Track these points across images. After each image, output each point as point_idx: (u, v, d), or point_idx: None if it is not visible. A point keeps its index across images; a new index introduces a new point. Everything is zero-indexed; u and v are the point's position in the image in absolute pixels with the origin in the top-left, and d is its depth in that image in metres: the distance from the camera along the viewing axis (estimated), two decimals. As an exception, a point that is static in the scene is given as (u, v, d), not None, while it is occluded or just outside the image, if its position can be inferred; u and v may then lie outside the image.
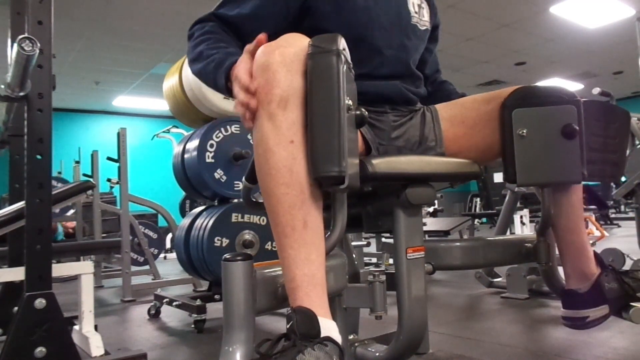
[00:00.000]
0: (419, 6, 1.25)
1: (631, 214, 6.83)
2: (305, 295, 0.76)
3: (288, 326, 0.73)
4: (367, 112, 0.84)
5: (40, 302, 1.48)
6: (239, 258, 0.82)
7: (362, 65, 1.07)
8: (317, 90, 0.78)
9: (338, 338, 0.75)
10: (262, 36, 0.86)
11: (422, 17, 1.25)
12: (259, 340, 0.77)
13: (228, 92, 0.91)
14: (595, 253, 1.13)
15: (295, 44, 0.80)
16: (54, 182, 5.08)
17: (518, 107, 1.00)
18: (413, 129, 1.15)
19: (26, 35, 1.34)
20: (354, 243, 1.15)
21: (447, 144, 1.15)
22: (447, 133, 1.15)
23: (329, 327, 0.75)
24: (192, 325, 2.42)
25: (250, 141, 2.89)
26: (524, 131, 0.99)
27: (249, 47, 0.88)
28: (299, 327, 0.72)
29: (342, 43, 0.81)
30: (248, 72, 0.83)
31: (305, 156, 0.78)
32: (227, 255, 0.83)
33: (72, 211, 4.79)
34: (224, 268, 0.83)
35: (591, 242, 4.65)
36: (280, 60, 0.78)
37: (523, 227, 3.63)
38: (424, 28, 1.26)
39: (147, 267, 4.34)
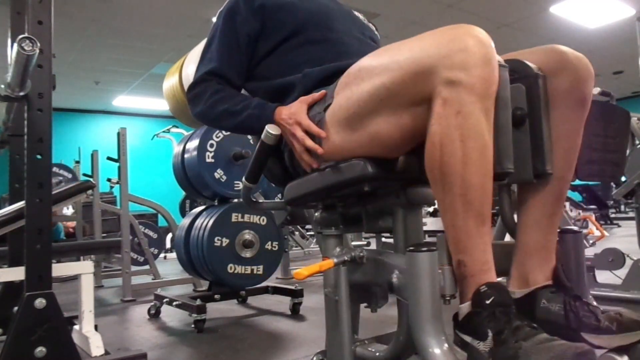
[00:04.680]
0: (366, 20, 1.44)
1: (631, 214, 6.83)
2: (493, 274, 0.83)
3: (489, 301, 0.79)
4: None
5: (40, 302, 1.48)
6: (424, 248, 0.83)
7: (335, 52, 1.20)
8: (501, 98, 0.85)
9: None
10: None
11: (370, 26, 1.43)
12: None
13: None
14: (556, 267, 0.97)
15: (490, 39, 0.83)
16: (57, 170, 5.10)
17: None
18: None
19: (26, 35, 1.34)
20: (354, 243, 1.15)
21: None
22: None
23: None
24: (192, 325, 2.42)
25: (251, 141, 2.89)
26: None
27: (304, 98, 1.07)
28: (503, 299, 0.80)
29: None
30: (307, 117, 1.02)
31: None
32: (412, 247, 0.85)
33: (72, 211, 4.80)
34: (410, 259, 0.83)
35: (591, 242, 4.65)
36: (493, 56, 0.81)
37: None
38: (376, 33, 1.42)
39: (147, 267, 4.34)
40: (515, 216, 1.03)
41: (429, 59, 0.81)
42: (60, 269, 1.91)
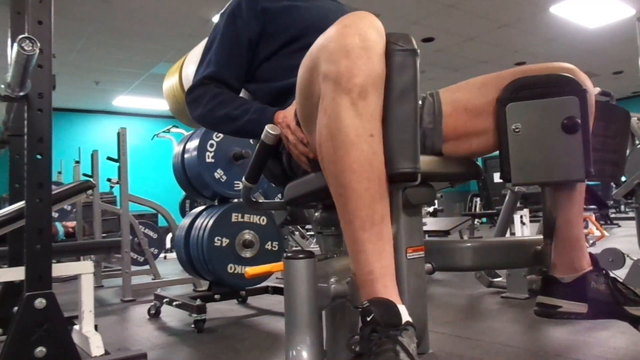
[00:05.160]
0: None
1: (631, 214, 6.83)
2: (383, 286, 0.77)
3: (369, 318, 0.73)
4: None
5: (40, 302, 1.48)
6: (301, 256, 0.82)
7: None
8: (398, 89, 0.78)
9: (409, 319, 0.76)
10: None
11: None
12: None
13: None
14: (591, 254, 1.09)
15: (372, 27, 0.77)
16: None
17: (513, 100, 0.94)
18: None
19: (26, 35, 1.34)
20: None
21: (446, 132, 1.07)
22: (447, 119, 1.06)
23: (404, 312, 0.77)
24: (192, 325, 2.43)
25: (251, 141, 2.89)
26: (519, 127, 0.93)
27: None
28: (384, 318, 0.73)
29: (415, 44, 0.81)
30: (294, 120, 1.00)
31: (382, 150, 0.77)
32: (288, 253, 0.83)
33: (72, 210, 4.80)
34: (286, 266, 0.82)
35: (591, 242, 4.65)
36: (361, 45, 0.75)
37: (523, 227, 3.63)
38: None
39: (147, 267, 4.34)
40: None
41: (316, 52, 0.79)
42: (60, 269, 1.91)
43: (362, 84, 0.74)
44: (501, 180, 1.02)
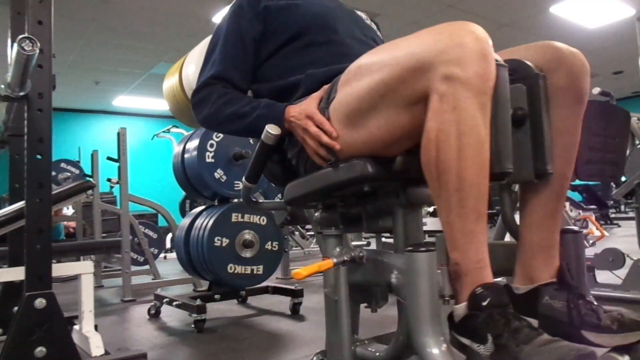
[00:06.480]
0: (368, 19, 1.44)
1: (631, 214, 6.83)
2: (488, 273, 0.83)
3: (485, 303, 0.78)
4: None
5: (40, 302, 1.48)
6: (423, 249, 0.83)
7: (339, 52, 1.19)
8: (501, 98, 0.85)
9: None
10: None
11: (372, 26, 1.42)
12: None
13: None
14: (560, 265, 0.97)
15: (488, 36, 0.83)
16: (69, 167, 5.14)
17: None
18: None
19: (26, 35, 1.34)
20: (354, 243, 1.16)
21: None
22: None
23: None
24: (192, 325, 2.43)
25: (251, 141, 2.89)
26: None
27: (315, 95, 1.05)
28: (501, 300, 0.79)
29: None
30: (319, 112, 1.00)
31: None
32: (410, 247, 0.85)
33: (72, 210, 4.80)
34: (408, 259, 0.84)
35: (591, 242, 4.64)
36: (491, 53, 0.81)
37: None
38: (378, 34, 1.42)
39: (147, 267, 4.34)
40: (517, 216, 1.03)
41: (426, 55, 0.81)
42: (60, 269, 1.91)
43: (492, 88, 0.81)
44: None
